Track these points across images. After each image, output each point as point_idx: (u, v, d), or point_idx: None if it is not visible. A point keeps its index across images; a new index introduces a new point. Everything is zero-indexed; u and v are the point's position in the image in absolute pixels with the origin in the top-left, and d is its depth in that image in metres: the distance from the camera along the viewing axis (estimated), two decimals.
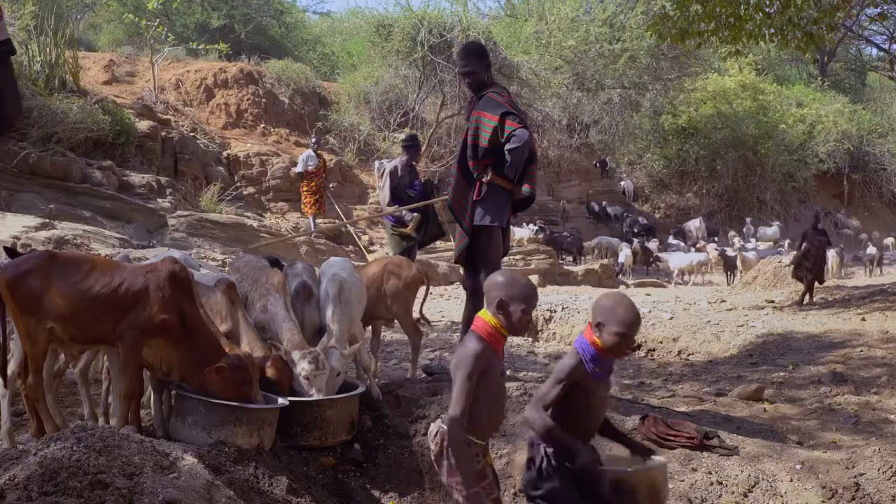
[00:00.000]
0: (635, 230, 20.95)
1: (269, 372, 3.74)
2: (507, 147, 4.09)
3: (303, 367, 3.79)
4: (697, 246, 19.34)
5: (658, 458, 2.70)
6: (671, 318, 8.37)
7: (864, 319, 7.72)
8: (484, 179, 4.24)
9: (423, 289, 5.06)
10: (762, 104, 24.20)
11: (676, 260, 17.01)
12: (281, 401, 3.63)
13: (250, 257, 4.90)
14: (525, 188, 4.29)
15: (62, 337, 3.36)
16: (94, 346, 3.59)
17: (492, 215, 4.27)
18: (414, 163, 7.53)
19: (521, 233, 16.02)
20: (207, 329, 3.42)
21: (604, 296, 2.68)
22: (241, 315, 3.88)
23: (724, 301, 10.68)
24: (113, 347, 3.45)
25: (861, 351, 6.37)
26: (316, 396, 3.78)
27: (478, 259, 4.38)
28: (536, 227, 16.84)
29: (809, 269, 9.83)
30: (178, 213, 11.50)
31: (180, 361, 3.39)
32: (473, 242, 4.31)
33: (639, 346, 7.80)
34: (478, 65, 4.34)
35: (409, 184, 7.34)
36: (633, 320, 2.53)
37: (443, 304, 9.73)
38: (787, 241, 20.44)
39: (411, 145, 7.43)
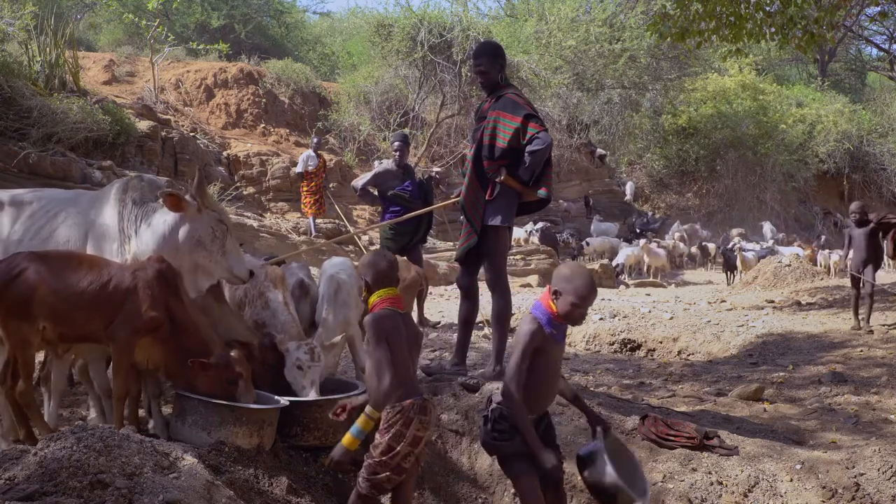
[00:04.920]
0: (637, 230, 20.93)
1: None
2: (528, 149, 4.06)
3: (297, 357, 3.81)
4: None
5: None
6: (671, 318, 8.37)
7: (864, 319, 7.70)
8: (498, 180, 4.22)
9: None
10: (762, 104, 24.20)
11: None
12: (283, 401, 3.64)
13: (249, 257, 4.92)
14: (541, 191, 4.27)
15: (51, 336, 3.34)
16: (82, 344, 3.57)
17: (502, 215, 4.25)
18: (405, 162, 7.51)
19: (521, 233, 16.03)
20: (196, 327, 3.41)
21: (564, 265, 2.94)
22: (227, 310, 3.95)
23: (724, 301, 10.68)
24: (97, 345, 3.46)
25: (861, 351, 6.36)
26: (309, 389, 3.80)
27: (482, 258, 4.38)
28: (538, 227, 16.84)
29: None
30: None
31: (167, 359, 3.39)
32: (480, 242, 4.30)
33: (638, 347, 7.80)
34: (489, 64, 4.30)
35: (400, 185, 7.32)
36: (588, 292, 2.77)
37: (443, 305, 9.73)
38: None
39: (399, 144, 7.42)
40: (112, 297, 3.30)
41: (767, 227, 21.99)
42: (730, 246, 16.81)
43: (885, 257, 8.32)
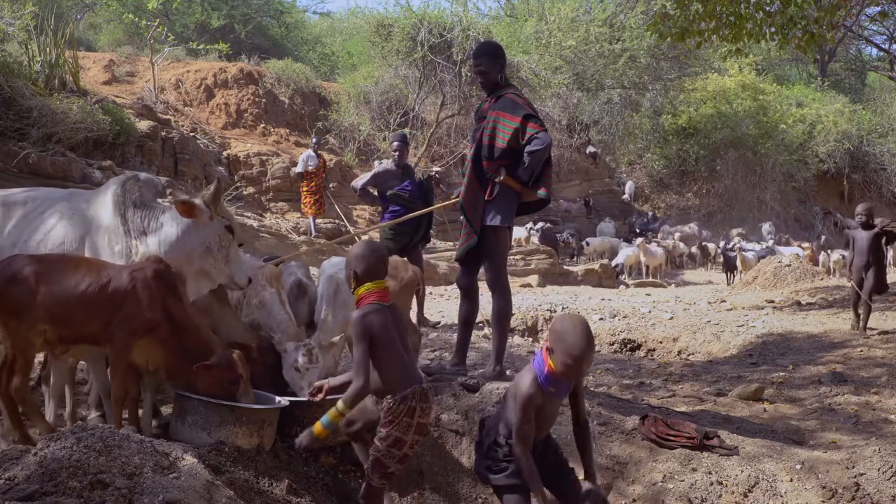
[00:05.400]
0: (638, 230, 20.94)
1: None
2: (527, 149, 4.05)
3: (296, 359, 3.81)
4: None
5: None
6: (671, 318, 8.37)
7: (862, 320, 7.69)
8: (497, 180, 4.22)
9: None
10: (762, 104, 24.20)
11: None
12: (282, 401, 3.64)
13: (248, 257, 4.92)
14: (541, 191, 4.27)
15: (51, 337, 3.34)
16: (80, 346, 3.57)
17: (502, 215, 4.25)
18: (405, 162, 7.52)
19: (521, 232, 16.02)
20: (195, 327, 3.41)
21: (558, 318, 2.69)
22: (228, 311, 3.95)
23: (724, 301, 10.68)
24: (95, 346, 3.45)
25: (861, 351, 6.36)
26: (307, 391, 3.80)
27: (482, 259, 4.38)
28: (538, 227, 16.83)
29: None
30: None
31: (167, 360, 3.39)
32: (480, 242, 4.30)
33: (638, 347, 7.81)
34: (489, 64, 4.29)
35: (400, 185, 7.33)
36: (581, 350, 2.54)
37: (443, 305, 9.73)
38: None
39: (398, 144, 7.42)
40: (111, 299, 3.30)
41: (766, 228, 22.01)
42: (730, 246, 16.81)
43: (890, 264, 8.22)
